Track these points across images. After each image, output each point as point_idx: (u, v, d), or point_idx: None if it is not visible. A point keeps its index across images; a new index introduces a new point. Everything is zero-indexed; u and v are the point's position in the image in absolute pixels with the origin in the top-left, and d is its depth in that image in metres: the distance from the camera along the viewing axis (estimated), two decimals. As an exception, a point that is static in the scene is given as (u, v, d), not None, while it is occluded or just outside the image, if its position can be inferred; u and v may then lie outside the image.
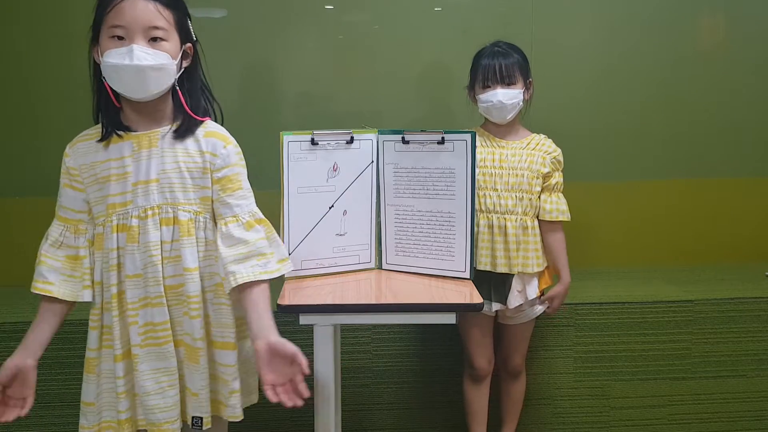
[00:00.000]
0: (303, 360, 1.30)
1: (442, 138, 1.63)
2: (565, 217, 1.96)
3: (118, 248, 1.35)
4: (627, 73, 2.54)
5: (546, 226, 1.97)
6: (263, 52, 2.45)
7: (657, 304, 2.21)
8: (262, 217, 1.42)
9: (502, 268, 1.92)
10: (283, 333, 2.12)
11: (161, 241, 1.34)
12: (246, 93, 2.47)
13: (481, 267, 1.93)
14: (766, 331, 2.22)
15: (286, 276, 1.58)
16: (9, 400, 1.34)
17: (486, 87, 1.91)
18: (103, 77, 1.32)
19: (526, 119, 2.01)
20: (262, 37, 2.43)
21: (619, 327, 2.20)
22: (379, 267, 1.76)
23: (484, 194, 1.92)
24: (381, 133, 1.71)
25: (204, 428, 1.40)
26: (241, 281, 1.34)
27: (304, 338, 2.17)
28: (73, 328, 2.03)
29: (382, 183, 1.72)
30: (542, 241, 1.96)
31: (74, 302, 1.39)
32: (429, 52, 2.49)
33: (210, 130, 1.40)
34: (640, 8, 2.52)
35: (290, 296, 1.52)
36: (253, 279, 1.35)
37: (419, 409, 2.22)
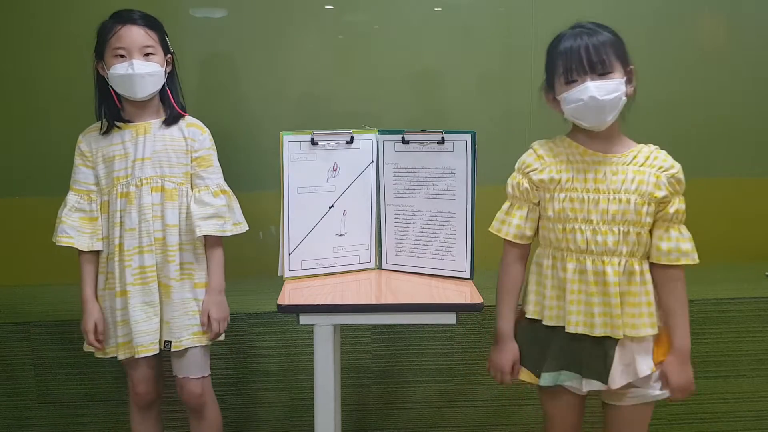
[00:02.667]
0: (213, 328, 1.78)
1: (442, 138, 1.63)
2: (691, 259, 1.45)
3: (120, 210, 1.74)
4: (627, 73, 2.53)
5: (661, 274, 1.46)
6: (263, 52, 2.45)
7: (657, 304, 2.20)
8: (227, 189, 1.80)
9: (600, 329, 1.44)
10: (283, 333, 2.14)
11: (152, 204, 1.74)
12: (246, 93, 2.46)
13: (571, 328, 1.46)
14: (766, 331, 2.22)
15: (286, 276, 1.64)
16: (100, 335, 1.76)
17: (571, 81, 1.44)
18: (110, 86, 1.72)
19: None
20: (262, 37, 2.43)
21: (619, 327, 2.20)
22: (379, 267, 1.76)
23: (573, 227, 1.45)
24: (381, 133, 1.71)
25: (173, 350, 1.77)
26: (203, 233, 1.75)
27: (304, 338, 2.18)
28: (73, 328, 2.03)
29: (382, 183, 1.72)
30: (656, 292, 1.47)
31: (99, 252, 1.77)
32: (429, 52, 2.49)
33: (191, 122, 1.81)
34: (642, 9, 2.51)
35: (290, 296, 1.52)
36: (212, 233, 1.75)
37: (419, 409, 2.22)
